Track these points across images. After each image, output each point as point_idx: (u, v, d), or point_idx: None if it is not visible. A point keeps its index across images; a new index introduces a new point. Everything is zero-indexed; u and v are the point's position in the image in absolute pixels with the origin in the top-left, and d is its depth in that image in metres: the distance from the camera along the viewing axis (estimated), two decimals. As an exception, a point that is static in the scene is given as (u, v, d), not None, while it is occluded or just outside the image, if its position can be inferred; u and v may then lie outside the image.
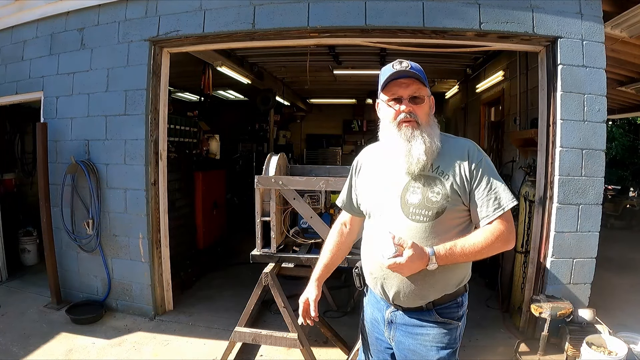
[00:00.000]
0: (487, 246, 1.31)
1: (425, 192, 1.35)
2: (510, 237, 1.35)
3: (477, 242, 1.31)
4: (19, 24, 3.76)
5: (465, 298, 1.48)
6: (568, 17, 2.85)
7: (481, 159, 1.37)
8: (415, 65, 1.39)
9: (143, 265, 3.43)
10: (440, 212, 1.34)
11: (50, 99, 3.64)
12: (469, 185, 1.35)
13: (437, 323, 1.41)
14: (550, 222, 2.95)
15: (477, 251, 1.31)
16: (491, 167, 1.38)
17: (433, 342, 1.41)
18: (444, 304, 1.41)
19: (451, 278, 1.41)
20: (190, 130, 5.00)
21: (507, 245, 1.36)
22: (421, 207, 1.35)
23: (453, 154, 1.38)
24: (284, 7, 3.04)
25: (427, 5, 2.90)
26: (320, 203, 2.71)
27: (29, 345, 2.91)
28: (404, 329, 1.45)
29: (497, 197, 1.34)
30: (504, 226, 1.33)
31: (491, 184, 1.35)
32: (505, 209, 1.34)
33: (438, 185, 1.35)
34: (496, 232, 1.32)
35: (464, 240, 1.31)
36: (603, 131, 2.89)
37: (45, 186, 3.57)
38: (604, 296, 3.61)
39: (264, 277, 2.47)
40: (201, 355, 2.91)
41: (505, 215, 1.34)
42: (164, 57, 3.44)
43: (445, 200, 1.34)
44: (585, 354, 2.49)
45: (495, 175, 1.37)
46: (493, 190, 1.34)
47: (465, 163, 1.36)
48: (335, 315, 3.55)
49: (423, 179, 1.36)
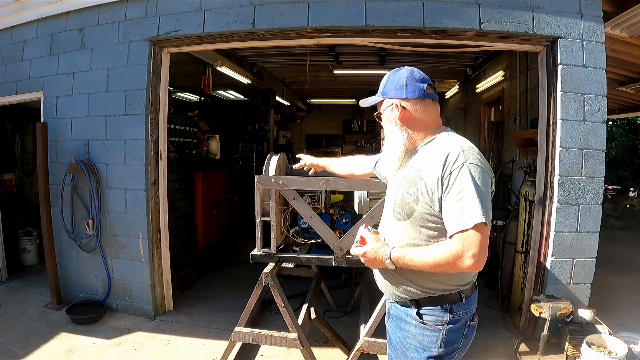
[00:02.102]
0: (436, 264, 1.25)
1: (404, 192, 1.41)
2: (465, 256, 1.21)
3: (426, 257, 1.27)
4: (19, 24, 3.77)
5: (459, 307, 1.39)
6: (568, 17, 2.85)
7: (458, 167, 1.27)
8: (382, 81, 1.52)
9: (143, 265, 3.43)
10: (410, 214, 1.37)
11: (50, 99, 3.64)
12: (438, 194, 1.30)
13: (418, 322, 1.41)
14: (550, 222, 2.95)
15: (428, 265, 1.27)
16: (468, 178, 1.25)
17: (413, 340, 1.42)
18: (429, 306, 1.39)
19: (424, 281, 1.37)
20: (190, 130, 4.99)
21: (460, 266, 1.22)
22: (400, 205, 1.41)
23: (434, 157, 1.35)
24: (284, 7, 3.04)
25: (427, 5, 2.90)
26: (320, 203, 2.71)
27: (29, 345, 2.91)
28: (395, 321, 1.51)
29: (462, 210, 1.23)
30: (462, 244, 1.21)
31: (461, 195, 1.24)
32: (468, 224, 1.21)
33: (412, 187, 1.37)
34: (450, 249, 1.23)
35: (416, 252, 1.31)
36: (603, 131, 2.89)
37: (45, 186, 3.57)
38: (604, 296, 3.61)
39: (264, 277, 2.47)
40: (201, 355, 2.91)
41: (469, 234, 1.21)
42: (164, 57, 3.44)
43: (415, 202, 1.35)
44: (585, 354, 2.49)
45: (469, 187, 1.24)
46: (460, 201, 1.24)
47: (439, 169, 1.30)
48: (335, 315, 3.55)
49: (406, 180, 1.42)
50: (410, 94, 1.43)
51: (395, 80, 1.46)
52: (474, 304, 1.45)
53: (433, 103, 1.47)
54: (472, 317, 1.43)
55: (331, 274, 4.16)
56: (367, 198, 2.55)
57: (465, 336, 1.43)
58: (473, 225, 1.21)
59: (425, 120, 1.45)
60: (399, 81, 1.45)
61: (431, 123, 1.46)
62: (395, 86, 1.45)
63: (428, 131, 1.46)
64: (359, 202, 2.56)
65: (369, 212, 2.42)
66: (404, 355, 1.46)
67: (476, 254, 1.21)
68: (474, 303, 1.45)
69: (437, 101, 1.49)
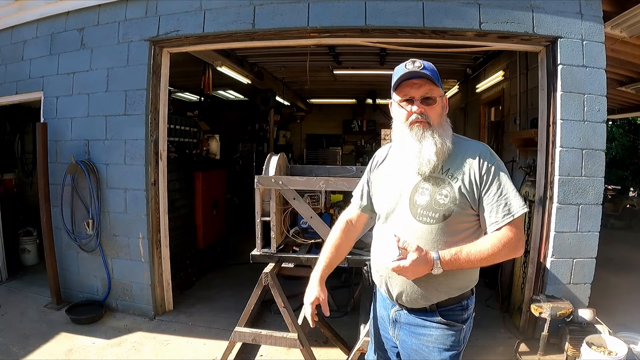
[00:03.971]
0: (494, 253, 1.29)
1: (433, 193, 1.34)
2: (519, 244, 1.31)
3: (483, 249, 1.29)
4: (19, 24, 3.77)
5: (472, 301, 1.45)
6: (568, 17, 2.85)
7: (493, 163, 1.34)
8: (429, 64, 1.36)
9: (143, 265, 3.43)
10: (447, 215, 1.32)
11: (50, 99, 3.64)
12: (477, 190, 1.33)
13: (440, 324, 1.39)
14: (550, 222, 2.95)
15: (484, 258, 1.29)
16: (503, 173, 1.34)
17: (436, 343, 1.39)
18: (448, 306, 1.40)
19: (456, 282, 1.39)
20: (190, 130, 5.00)
21: (515, 253, 1.32)
22: (429, 208, 1.34)
23: (465, 156, 1.36)
24: (284, 7, 3.04)
25: (427, 5, 2.90)
26: (320, 203, 2.71)
27: (29, 345, 2.91)
28: (407, 329, 1.45)
29: (507, 202, 1.31)
30: (513, 233, 1.30)
31: (502, 189, 1.32)
32: (515, 215, 1.30)
33: (446, 188, 1.33)
34: (504, 239, 1.29)
35: (470, 246, 1.29)
36: (603, 131, 2.89)
37: (45, 186, 3.57)
38: (604, 296, 3.61)
39: (264, 277, 2.47)
40: (201, 355, 2.91)
41: (515, 222, 1.31)
42: (164, 57, 3.44)
43: (453, 203, 1.32)
44: (585, 354, 2.49)
45: (506, 181, 1.33)
46: (503, 196, 1.31)
47: (476, 167, 1.33)
48: (335, 315, 3.54)
49: (432, 181, 1.35)
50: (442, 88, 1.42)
51: (435, 70, 1.38)
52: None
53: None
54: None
55: (331, 274, 4.12)
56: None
57: (471, 328, 1.48)
58: (518, 216, 1.31)
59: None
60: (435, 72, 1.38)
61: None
62: (438, 77, 1.38)
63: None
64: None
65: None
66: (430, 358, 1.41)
67: (524, 240, 1.35)
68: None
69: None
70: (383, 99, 8.83)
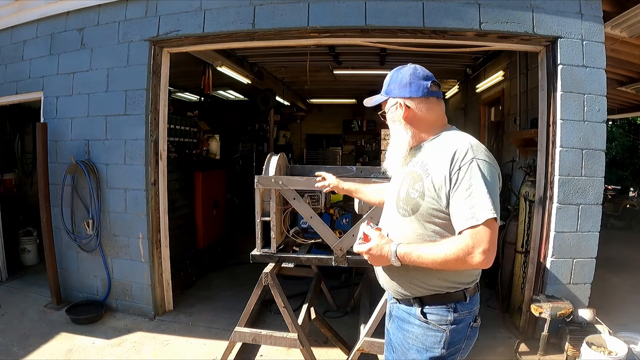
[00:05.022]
0: (447, 260, 1.22)
1: (409, 187, 1.38)
2: (479, 254, 1.19)
3: (436, 252, 1.24)
4: (19, 24, 3.77)
5: (463, 306, 1.38)
6: (568, 17, 2.85)
7: (467, 162, 1.26)
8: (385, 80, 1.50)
9: (143, 265, 3.42)
10: (416, 209, 1.34)
11: (50, 99, 3.64)
12: (446, 189, 1.28)
13: (421, 322, 1.38)
14: (550, 222, 2.95)
15: (436, 261, 1.24)
16: (479, 174, 1.24)
17: (415, 341, 1.40)
18: (433, 305, 1.37)
19: (431, 279, 1.36)
20: (190, 130, 4.99)
21: (472, 262, 1.21)
22: (404, 201, 1.39)
23: (442, 152, 1.33)
24: (284, 7, 3.04)
25: (427, 5, 2.90)
26: (320, 203, 2.71)
27: (29, 345, 2.91)
28: (396, 322, 1.48)
29: (473, 205, 1.22)
30: (473, 240, 1.20)
31: (471, 190, 1.23)
32: (479, 220, 1.20)
33: (419, 182, 1.35)
34: (460, 245, 1.21)
35: (425, 247, 1.28)
36: (603, 131, 2.89)
37: (45, 186, 3.57)
38: (604, 296, 3.61)
39: (264, 277, 2.47)
40: (201, 355, 2.91)
41: (480, 230, 1.20)
42: (164, 57, 3.44)
43: (421, 198, 1.33)
44: (585, 354, 2.49)
45: (479, 183, 1.23)
46: (470, 197, 1.23)
47: (447, 165, 1.28)
48: (335, 315, 3.55)
49: (411, 175, 1.40)
50: (414, 92, 1.41)
51: (399, 79, 1.44)
52: (477, 305, 1.44)
53: (438, 101, 1.45)
54: (475, 318, 1.42)
55: (331, 274, 4.15)
56: (367, 198, 2.55)
57: (467, 337, 1.41)
58: (484, 221, 1.20)
59: (430, 119, 1.43)
60: (402, 80, 1.43)
61: (436, 121, 1.45)
62: (398, 85, 1.43)
63: (433, 129, 1.44)
64: (359, 202, 2.55)
65: (369, 212, 2.42)
66: (404, 357, 1.43)
67: (486, 250, 1.20)
68: (477, 304, 1.44)
69: (441, 98, 1.47)
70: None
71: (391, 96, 1.46)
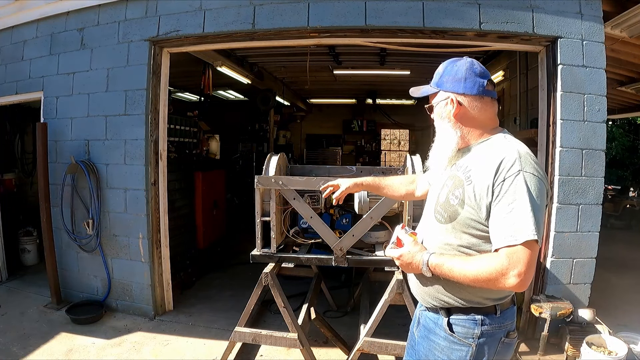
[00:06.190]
0: (478, 278, 1.14)
1: (448, 192, 1.30)
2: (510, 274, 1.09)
3: (467, 268, 1.17)
4: (19, 24, 3.77)
5: (493, 320, 1.27)
6: (568, 17, 2.85)
7: (513, 174, 1.15)
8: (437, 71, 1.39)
9: (143, 265, 3.43)
10: (453, 217, 1.26)
11: (50, 99, 3.64)
12: (487, 200, 1.19)
13: (446, 334, 1.31)
14: (550, 222, 2.95)
15: (467, 278, 1.17)
16: (524, 188, 1.14)
17: (441, 353, 1.32)
18: (459, 317, 1.29)
19: (461, 292, 1.28)
20: (190, 130, 5.00)
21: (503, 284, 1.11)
22: (443, 207, 1.31)
23: (489, 160, 1.23)
24: (284, 7, 3.04)
25: (427, 5, 2.90)
26: (320, 203, 2.71)
27: (29, 345, 2.91)
28: (423, 331, 1.42)
29: (514, 222, 1.12)
30: (509, 261, 1.10)
31: (514, 206, 1.13)
32: (518, 239, 1.10)
33: (459, 189, 1.26)
34: (494, 264, 1.12)
35: (457, 261, 1.21)
36: (603, 131, 2.89)
37: (45, 186, 3.57)
38: (604, 296, 3.61)
39: (264, 277, 2.47)
40: (201, 355, 2.91)
41: (517, 251, 1.10)
42: (164, 57, 3.44)
43: (460, 206, 1.25)
44: (585, 354, 2.49)
45: (523, 198, 1.13)
46: (512, 213, 1.13)
47: (491, 175, 1.18)
48: (335, 315, 3.55)
49: (452, 180, 1.31)
50: (468, 89, 1.30)
51: (454, 72, 1.33)
52: (511, 319, 1.32)
53: (492, 101, 1.35)
54: (507, 333, 1.30)
55: (331, 274, 4.15)
56: (367, 198, 2.55)
57: (497, 353, 1.28)
58: (523, 242, 1.10)
59: (482, 119, 1.34)
60: (457, 73, 1.32)
61: (487, 122, 1.35)
62: (452, 78, 1.32)
63: (483, 131, 1.34)
64: (359, 202, 2.56)
65: (369, 212, 2.43)
66: None
67: (522, 273, 1.09)
68: (511, 318, 1.32)
69: (495, 99, 1.37)
70: (383, 99, 8.82)
71: (443, 89, 1.35)
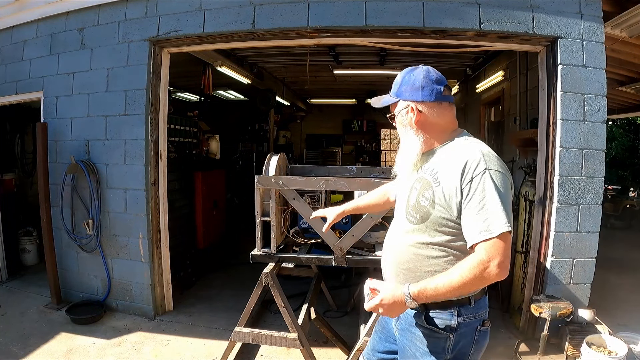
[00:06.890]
0: (465, 283, 1.19)
1: (418, 194, 1.36)
2: (495, 267, 1.17)
3: (452, 279, 1.20)
4: (19, 24, 3.76)
5: (468, 310, 1.35)
6: (568, 17, 2.85)
7: (480, 173, 1.23)
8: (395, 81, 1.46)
9: (143, 265, 3.43)
10: (425, 217, 1.32)
11: (50, 99, 3.63)
12: (457, 200, 1.26)
13: (424, 327, 1.37)
14: (550, 222, 2.95)
15: (455, 288, 1.20)
16: (491, 184, 1.22)
17: (420, 344, 1.38)
18: (437, 310, 1.35)
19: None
20: (190, 130, 5.00)
21: (489, 278, 1.18)
22: (414, 208, 1.37)
23: (452, 162, 1.30)
24: (284, 7, 3.04)
25: (427, 5, 2.90)
26: (320, 203, 2.71)
27: (29, 345, 2.91)
28: (403, 325, 1.47)
29: (487, 218, 1.19)
30: (488, 254, 1.18)
31: (484, 203, 1.20)
32: (493, 233, 1.18)
33: (428, 190, 1.33)
34: (474, 262, 1.19)
35: (439, 279, 1.23)
36: (603, 131, 2.89)
37: (45, 186, 3.57)
38: (604, 296, 3.61)
39: (264, 277, 2.47)
40: (201, 355, 2.91)
41: (494, 243, 1.18)
42: (164, 57, 3.44)
43: (431, 207, 1.31)
44: (585, 354, 2.49)
45: (492, 195, 1.21)
46: (483, 210, 1.20)
47: (458, 175, 1.26)
48: (335, 315, 3.55)
49: (421, 182, 1.38)
50: (427, 96, 1.37)
51: (411, 81, 1.39)
52: (484, 309, 1.40)
53: (449, 105, 1.42)
54: (482, 321, 1.38)
55: (331, 274, 4.16)
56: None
57: (476, 342, 1.38)
58: (498, 234, 1.18)
59: (442, 124, 1.40)
60: (414, 82, 1.39)
61: (448, 126, 1.41)
62: (410, 87, 1.39)
63: (445, 134, 1.41)
64: (359, 202, 2.55)
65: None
66: (414, 357, 1.41)
67: (501, 262, 1.18)
68: (484, 307, 1.40)
69: (453, 103, 1.44)
70: (383, 99, 8.81)
71: (402, 99, 1.42)
